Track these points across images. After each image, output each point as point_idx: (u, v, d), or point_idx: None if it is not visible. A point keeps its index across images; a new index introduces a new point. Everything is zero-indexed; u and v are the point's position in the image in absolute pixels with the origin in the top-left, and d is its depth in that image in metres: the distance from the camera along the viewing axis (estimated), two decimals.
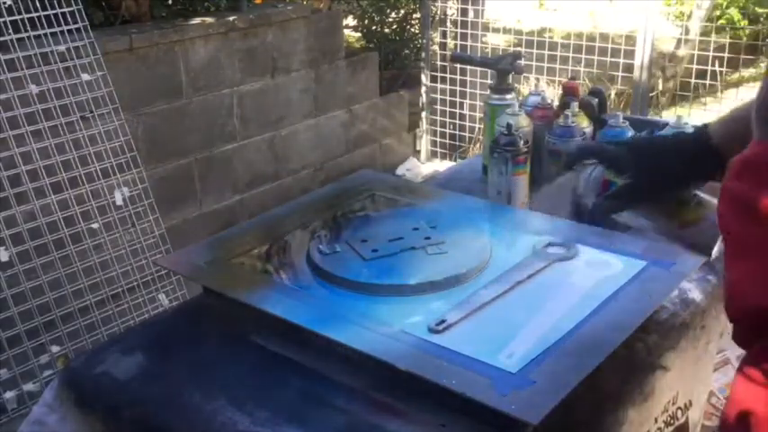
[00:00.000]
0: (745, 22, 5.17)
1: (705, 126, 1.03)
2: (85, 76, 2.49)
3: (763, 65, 4.98)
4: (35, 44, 2.37)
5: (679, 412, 1.14)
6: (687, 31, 4.59)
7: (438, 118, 4.29)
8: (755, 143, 0.70)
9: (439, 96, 4.27)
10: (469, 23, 4.14)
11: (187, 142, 3.10)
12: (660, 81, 4.87)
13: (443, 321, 0.99)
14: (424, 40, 4.28)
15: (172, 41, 2.97)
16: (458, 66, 4.06)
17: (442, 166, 4.15)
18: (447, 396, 0.87)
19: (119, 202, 2.53)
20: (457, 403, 0.87)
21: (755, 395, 0.63)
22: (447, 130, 4.26)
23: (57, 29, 2.43)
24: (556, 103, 1.57)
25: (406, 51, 4.64)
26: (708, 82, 3.78)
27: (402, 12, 4.60)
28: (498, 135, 1.37)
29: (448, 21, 4.30)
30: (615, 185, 1.13)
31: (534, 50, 3.81)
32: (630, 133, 1.36)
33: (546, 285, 1.09)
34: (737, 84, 4.50)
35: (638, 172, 1.04)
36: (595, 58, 3.73)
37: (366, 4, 4.51)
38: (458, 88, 4.16)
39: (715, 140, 1.00)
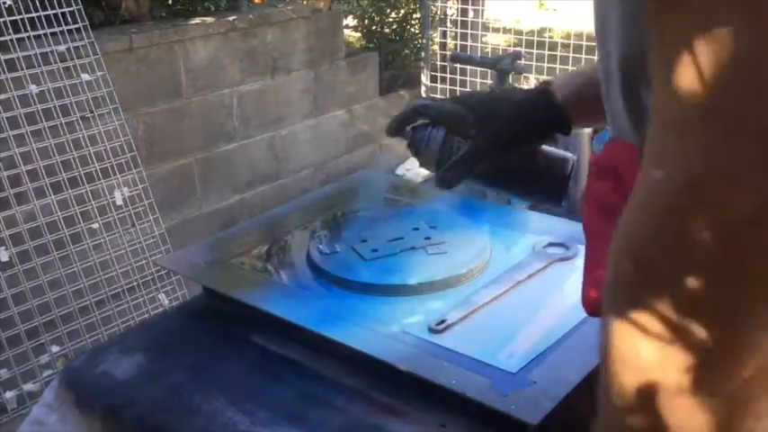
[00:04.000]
0: None
1: (548, 83, 0.99)
2: (85, 76, 2.49)
3: None
4: (35, 44, 2.37)
5: None
6: None
7: None
8: (610, 143, 0.71)
9: (439, 96, 4.27)
10: (469, 23, 4.14)
11: (187, 142, 3.10)
12: None
13: (443, 321, 0.98)
14: (424, 40, 4.28)
15: (172, 41, 2.97)
16: (458, 66, 4.06)
17: None
18: (447, 396, 0.87)
19: (119, 202, 2.54)
20: (457, 403, 0.87)
21: None
22: None
23: (57, 29, 2.44)
24: None
25: (406, 51, 4.64)
26: None
27: (402, 12, 4.60)
28: None
29: (448, 21, 4.31)
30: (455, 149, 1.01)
31: (534, 50, 3.81)
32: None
33: (546, 285, 1.09)
34: None
35: (479, 134, 0.96)
36: (595, 58, 3.72)
37: (366, 4, 4.51)
38: (458, 88, 4.16)
39: (559, 97, 0.97)
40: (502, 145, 0.98)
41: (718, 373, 0.46)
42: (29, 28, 2.36)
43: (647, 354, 0.47)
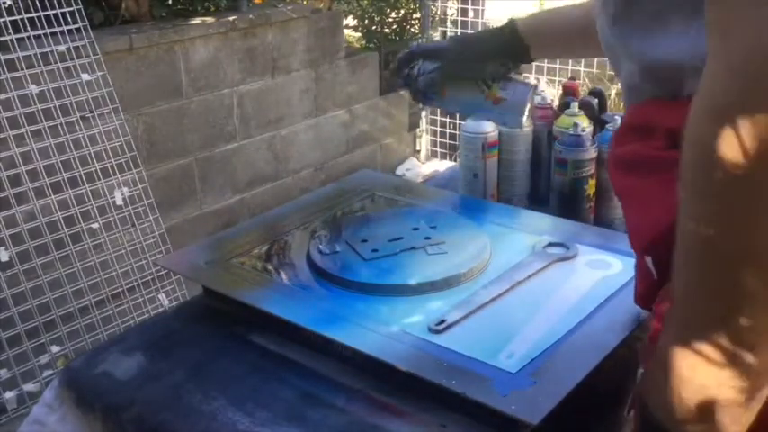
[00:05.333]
0: None
1: (514, 20, 1.19)
2: (85, 76, 2.49)
3: None
4: (35, 44, 2.37)
5: None
6: None
7: (438, 118, 4.29)
8: (631, 108, 0.80)
9: None
10: (469, 23, 4.14)
11: (187, 142, 3.10)
12: None
13: (443, 321, 0.99)
14: (424, 40, 4.28)
15: (172, 41, 2.97)
16: None
17: (442, 166, 4.15)
18: (447, 396, 0.87)
19: (119, 202, 2.54)
20: (457, 403, 0.87)
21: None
22: (447, 130, 4.26)
23: (57, 29, 2.43)
24: (556, 103, 1.56)
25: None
26: None
27: (402, 12, 4.60)
28: (470, 121, 1.44)
29: (448, 21, 4.30)
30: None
31: None
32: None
33: (546, 285, 1.09)
34: None
35: (454, 54, 1.20)
36: (595, 58, 3.72)
37: (366, 4, 4.51)
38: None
39: (521, 31, 1.17)
40: (469, 61, 1.20)
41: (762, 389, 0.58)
42: (29, 28, 2.36)
43: (704, 376, 0.58)
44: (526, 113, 1.24)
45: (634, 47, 0.75)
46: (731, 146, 0.52)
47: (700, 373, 0.58)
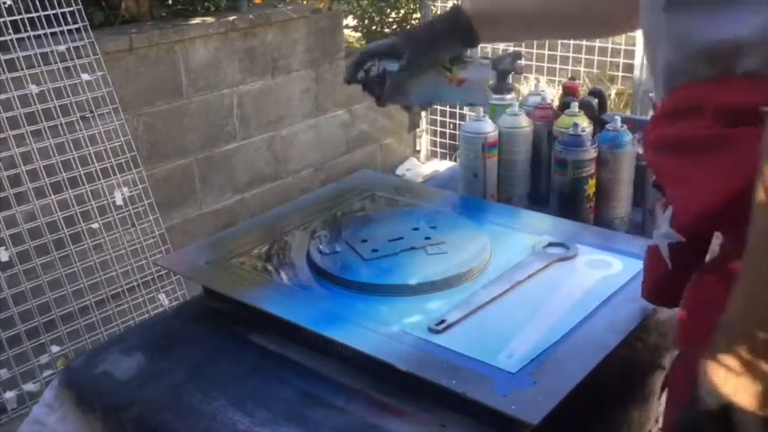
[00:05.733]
0: None
1: (458, 5, 1.22)
2: (85, 76, 2.49)
3: None
4: (35, 44, 2.37)
5: None
6: None
7: (438, 118, 4.29)
8: (662, 102, 0.81)
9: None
10: None
11: (187, 142, 3.10)
12: None
13: (443, 321, 0.99)
14: None
15: (172, 41, 2.97)
16: None
17: (442, 166, 4.15)
18: (447, 396, 0.87)
19: (119, 202, 2.54)
20: (457, 403, 0.87)
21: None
22: (447, 130, 4.26)
23: (57, 29, 2.43)
24: (556, 103, 1.57)
25: None
26: None
27: (402, 12, 4.60)
28: (470, 121, 1.45)
29: None
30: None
31: (534, 50, 3.81)
32: (629, 137, 1.37)
33: (546, 285, 1.09)
34: None
35: (409, 50, 1.19)
36: (595, 58, 3.72)
37: (366, 4, 4.51)
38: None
39: (469, 13, 1.18)
40: (427, 54, 1.20)
41: None
42: (29, 28, 2.36)
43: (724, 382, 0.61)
44: (487, 89, 1.28)
45: (692, 28, 0.74)
46: None
47: (721, 379, 0.61)
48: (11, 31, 2.31)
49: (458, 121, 4.20)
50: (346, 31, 4.31)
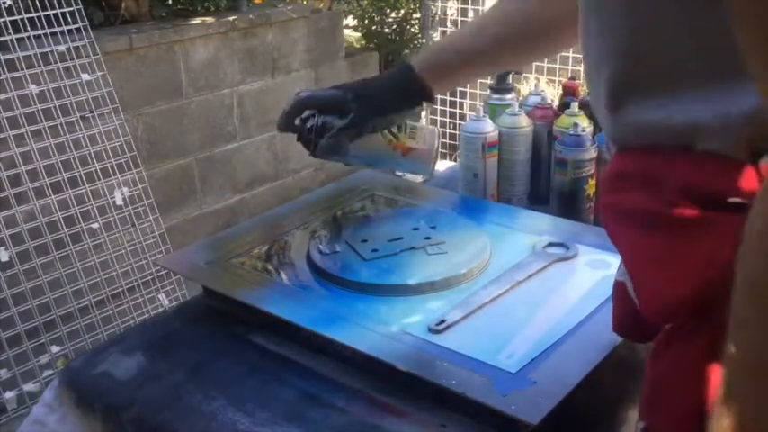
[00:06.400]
0: None
1: (408, 62, 1.16)
2: (85, 76, 2.49)
3: None
4: (35, 44, 2.37)
5: None
6: None
7: (438, 118, 4.29)
8: (616, 157, 0.74)
9: (439, 96, 4.26)
10: None
11: (187, 142, 3.10)
12: None
13: (443, 321, 0.99)
14: (424, 40, 4.28)
15: (172, 41, 2.97)
16: None
17: (442, 166, 4.14)
18: (447, 396, 0.87)
19: (119, 202, 2.54)
20: (457, 403, 0.87)
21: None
22: (447, 130, 4.26)
23: (57, 29, 2.44)
24: (556, 103, 1.56)
25: (406, 51, 4.64)
26: None
27: (402, 12, 4.60)
28: (470, 121, 1.44)
29: (448, 21, 4.30)
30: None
31: None
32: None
33: (546, 285, 1.09)
34: None
35: (358, 107, 1.12)
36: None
37: (366, 4, 4.51)
38: (458, 88, 4.15)
39: (417, 71, 1.13)
40: (376, 113, 1.14)
41: None
42: (29, 28, 2.36)
43: None
44: (435, 159, 1.21)
45: (647, 114, 0.68)
46: None
47: None
48: (11, 31, 2.32)
49: (458, 121, 4.20)
50: (346, 31, 4.31)
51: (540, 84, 3.96)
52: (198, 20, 3.13)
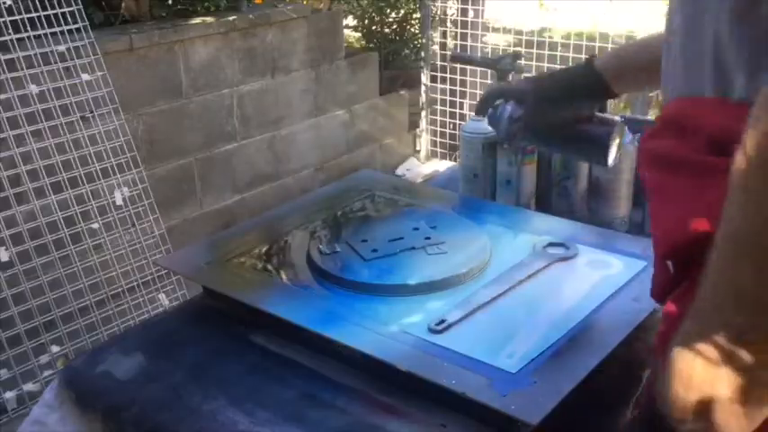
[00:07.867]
0: None
1: (591, 58, 1.20)
2: (85, 76, 2.49)
3: None
4: (35, 44, 2.37)
5: None
6: None
7: (438, 118, 4.29)
8: (675, 101, 0.77)
9: (439, 96, 4.26)
10: (469, 23, 4.14)
11: (187, 142, 3.10)
12: None
13: (443, 321, 0.99)
14: (424, 40, 4.28)
15: (172, 41, 2.97)
16: (458, 66, 4.05)
17: (442, 166, 4.15)
18: (447, 396, 0.87)
19: (119, 202, 2.53)
20: (457, 403, 0.87)
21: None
22: (447, 130, 4.26)
23: (57, 29, 2.43)
24: None
25: (406, 51, 4.64)
26: None
27: (402, 12, 4.60)
28: (470, 121, 1.44)
29: (448, 21, 4.30)
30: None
31: (534, 50, 3.81)
32: (629, 137, 1.37)
33: (546, 285, 1.09)
34: None
35: (535, 98, 1.20)
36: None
37: (366, 4, 4.51)
38: (458, 88, 4.16)
39: (599, 70, 1.16)
40: (552, 105, 1.19)
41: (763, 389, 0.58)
42: (29, 28, 2.36)
43: (702, 374, 0.59)
44: (615, 151, 1.21)
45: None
46: None
47: (698, 371, 0.59)
48: (11, 31, 2.31)
49: (458, 121, 4.20)
50: (346, 31, 4.31)
51: None
52: (198, 20, 3.13)
